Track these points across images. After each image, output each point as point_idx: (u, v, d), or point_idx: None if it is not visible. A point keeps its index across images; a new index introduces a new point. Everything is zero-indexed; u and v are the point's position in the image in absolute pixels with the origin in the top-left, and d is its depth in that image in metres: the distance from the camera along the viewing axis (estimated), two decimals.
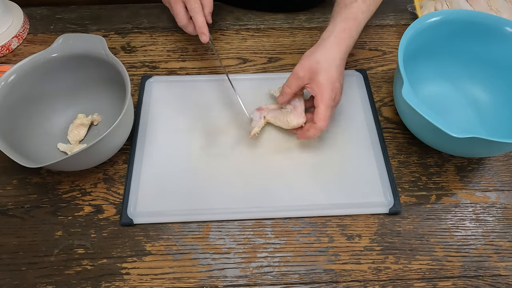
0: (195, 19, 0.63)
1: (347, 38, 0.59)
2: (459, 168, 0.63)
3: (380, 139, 0.64)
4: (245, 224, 0.57)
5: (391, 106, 0.70)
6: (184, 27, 0.65)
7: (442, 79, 0.69)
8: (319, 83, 0.56)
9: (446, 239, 0.56)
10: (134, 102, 0.68)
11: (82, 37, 0.62)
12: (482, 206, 0.59)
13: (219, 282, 0.53)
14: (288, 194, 0.59)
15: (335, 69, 0.57)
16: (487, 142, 0.50)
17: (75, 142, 0.63)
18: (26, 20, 0.80)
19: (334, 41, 0.58)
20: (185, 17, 0.64)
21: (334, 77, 0.57)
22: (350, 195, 0.59)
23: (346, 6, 0.61)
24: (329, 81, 0.57)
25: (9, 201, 0.59)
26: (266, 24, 0.81)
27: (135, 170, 0.61)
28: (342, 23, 0.59)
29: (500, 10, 0.77)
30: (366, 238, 0.56)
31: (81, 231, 0.57)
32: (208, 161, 0.62)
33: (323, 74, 0.56)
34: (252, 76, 0.72)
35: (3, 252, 0.55)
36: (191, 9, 0.63)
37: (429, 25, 0.62)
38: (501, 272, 0.54)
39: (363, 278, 0.53)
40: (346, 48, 0.59)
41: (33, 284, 0.52)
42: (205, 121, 0.66)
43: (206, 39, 0.64)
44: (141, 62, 0.75)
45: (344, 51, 0.59)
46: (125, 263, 0.54)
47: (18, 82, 0.59)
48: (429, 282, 0.53)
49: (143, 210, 0.57)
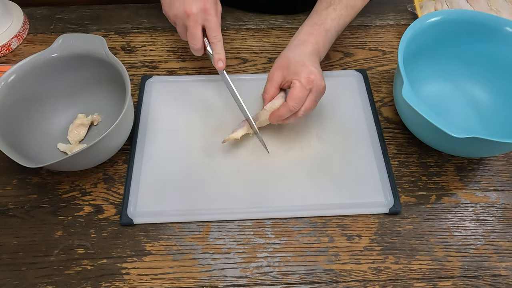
0: (215, 46, 0.60)
1: (312, 40, 0.60)
2: (459, 168, 0.63)
3: (380, 139, 0.64)
4: (245, 224, 0.57)
5: (391, 106, 0.70)
6: (197, 50, 0.61)
7: (442, 79, 0.69)
8: (293, 71, 0.57)
9: (446, 239, 0.56)
10: (134, 102, 0.68)
11: (82, 37, 0.62)
12: (482, 206, 0.59)
13: (219, 282, 0.53)
14: (288, 194, 0.59)
15: (306, 59, 0.58)
16: (487, 142, 0.50)
17: (75, 142, 0.63)
18: (26, 20, 0.80)
19: (297, 43, 0.60)
20: (202, 41, 0.60)
21: (307, 63, 0.57)
22: (350, 195, 0.59)
23: (316, 12, 0.63)
24: (302, 66, 0.57)
25: (9, 201, 0.59)
26: (266, 24, 0.81)
27: (135, 170, 0.61)
28: (307, 28, 0.61)
29: (500, 10, 0.77)
30: (366, 238, 0.56)
31: (81, 231, 0.57)
32: (208, 161, 0.62)
33: (294, 63, 0.57)
34: (252, 76, 0.72)
35: (3, 252, 0.55)
36: (214, 36, 0.60)
37: (429, 25, 0.62)
38: (501, 272, 0.54)
39: (363, 278, 0.53)
40: (311, 49, 0.59)
41: (33, 284, 0.52)
42: (205, 121, 0.66)
43: (223, 67, 0.62)
44: (141, 62, 0.75)
45: (310, 50, 0.59)
46: (125, 263, 0.54)
47: (18, 82, 0.59)
48: (429, 282, 0.53)
49: (143, 210, 0.57)
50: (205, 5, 0.58)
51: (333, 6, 0.62)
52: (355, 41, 0.78)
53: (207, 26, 0.59)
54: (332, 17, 0.62)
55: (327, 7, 0.62)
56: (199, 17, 0.58)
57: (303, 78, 0.56)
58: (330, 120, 0.66)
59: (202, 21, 0.59)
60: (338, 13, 0.62)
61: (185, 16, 0.58)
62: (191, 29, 0.59)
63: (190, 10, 0.57)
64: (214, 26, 0.59)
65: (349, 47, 0.77)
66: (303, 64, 0.57)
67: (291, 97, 0.56)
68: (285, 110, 0.57)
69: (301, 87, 0.56)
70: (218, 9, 0.60)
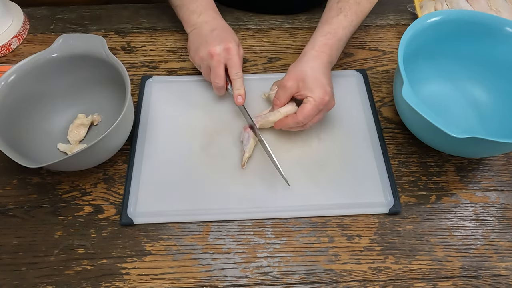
0: (235, 82, 0.63)
1: (328, 51, 0.61)
2: (459, 168, 0.63)
3: (380, 139, 0.64)
4: (245, 224, 0.57)
5: (391, 106, 0.70)
6: (220, 88, 0.64)
7: (442, 79, 0.69)
8: (309, 86, 0.58)
9: (446, 239, 0.56)
10: (134, 102, 0.68)
11: (82, 37, 0.62)
12: (482, 206, 0.59)
13: (219, 282, 0.53)
14: (288, 194, 0.59)
15: (322, 75, 0.59)
16: (487, 142, 0.50)
17: (75, 142, 0.63)
18: (26, 20, 0.80)
19: (315, 55, 0.61)
20: (224, 80, 0.64)
21: (323, 81, 0.58)
22: (350, 195, 0.59)
23: (327, 21, 0.63)
24: (319, 84, 0.58)
25: (9, 201, 0.59)
26: (266, 24, 0.81)
27: (135, 170, 0.61)
28: (322, 38, 0.62)
29: (500, 10, 0.77)
30: (366, 238, 0.56)
31: (81, 231, 0.57)
32: (208, 161, 0.62)
33: (311, 79, 0.58)
34: (252, 76, 0.72)
35: (3, 252, 0.55)
36: (235, 73, 0.63)
37: (429, 25, 0.62)
38: (501, 272, 0.54)
39: (363, 278, 0.53)
40: (327, 61, 0.61)
41: (33, 284, 0.52)
42: (205, 121, 0.66)
43: (243, 102, 0.64)
44: (141, 62, 0.75)
45: (326, 62, 0.61)
46: (125, 263, 0.54)
47: (18, 82, 0.59)
48: (429, 282, 0.53)
49: (143, 210, 0.57)
50: (227, 45, 0.62)
51: (344, 13, 0.63)
52: (355, 41, 0.78)
53: (229, 64, 0.63)
54: (344, 25, 0.63)
55: (338, 14, 0.63)
56: (222, 56, 0.63)
57: (318, 98, 0.57)
58: (330, 120, 0.66)
59: (224, 60, 0.63)
60: (349, 20, 0.63)
61: (209, 57, 0.62)
62: (214, 68, 0.63)
63: (215, 51, 0.62)
64: (235, 64, 0.63)
65: (349, 47, 0.77)
66: (320, 82, 0.58)
67: (303, 113, 0.57)
68: (293, 122, 0.59)
69: (314, 106, 0.57)
70: (240, 52, 0.65)
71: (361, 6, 0.65)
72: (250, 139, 0.61)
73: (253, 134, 0.62)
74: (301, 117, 0.58)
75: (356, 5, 0.64)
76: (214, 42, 0.62)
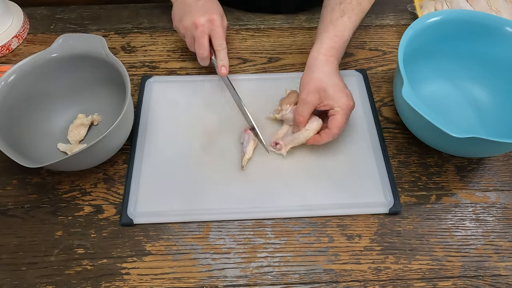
0: (219, 53, 0.65)
1: (336, 54, 0.61)
2: (459, 168, 0.63)
3: (380, 139, 0.64)
4: (245, 224, 0.57)
5: (391, 106, 0.70)
6: (204, 58, 0.66)
7: (442, 79, 0.69)
8: (332, 96, 0.57)
9: (446, 239, 0.56)
10: (134, 102, 0.68)
11: (82, 37, 0.62)
12: (482, 206, 0.59)
13: (219, 282, 0.53)
14: (288, 194, 0.59)
15: (338, 79, 0.59)
16: (487, 142, 0.50)
17: (75, 142, 0.63)
18: (26, 20, 0.80)
19: (324, 59, 0.60)
20: (208, 50, 0.65)
21: (342, 86, 0.59)
22: (350, 195, 0.59)
23: (332, 22, 0.62)
24: (339, 90, 0.58)
25: (9, 201, 0.59)
26: (266, 24, 0.81)
27: (135, 170, 0.61)
28: (329, 41, 0.61)
29: (500, 10, 0.77)
30: (366, 238, 0.56)
31: (81, 231, 0.57)
32: (208, 161, 0.62)
33: (331, 87, 0.58)
34: (252, 76, 0.72)
35: (3, 252, 0.55)
36: (219, 44, 0.65)
37: (429, 25, 0.62)
38: (501, 272, 0.54)
39: (363, 278, 0.53)
40: (337, 64, 0.61)
41: (33, 284, 0.53)
42: (205, 121, 0.66)
43: (226, 73, 0.66)
44: (141, 62, 0.75)
45: (336, 65, 0.61)
46: (125, 263, 0.54)
47: (18, 82, 0.59)
48: (429, 282, 0.53)
49: (143, 210, 0.57)
50: (211, 16, 0.63)
51: (347, 15, 0.62)
52: (355, 41, 0.78)
53: (213, 35, 0.64)
54: (348, 27, 0.62)
55: (342, 16, 0.62)
56: (206, 27, 0.64)
57: (344, 105, 0.57)
58: None
59: (208, 31, 0.64)
60: (352, 21, 0.63)
61: (193, 28, 0.63)
62: (198, 39, 0.64)
63: (199, 22, 0.63)
64: (219, 35, 0.64)
65: (349, 47, 0.77)
66: (339, 88, 0.58)
67: (336, 125, 0.57)
68: (328, 137, 0.58)
69: (344, 114, 0.57)
70: (224, 23, 0.66)
71: (362, 7, 0.64)
72: (250, 141, 0.61)
73: (253, 136, 0.62)
74: (336, 129, 0.57)
75: (358, 6, 0.63)
76: (198, 12, 0.63)
